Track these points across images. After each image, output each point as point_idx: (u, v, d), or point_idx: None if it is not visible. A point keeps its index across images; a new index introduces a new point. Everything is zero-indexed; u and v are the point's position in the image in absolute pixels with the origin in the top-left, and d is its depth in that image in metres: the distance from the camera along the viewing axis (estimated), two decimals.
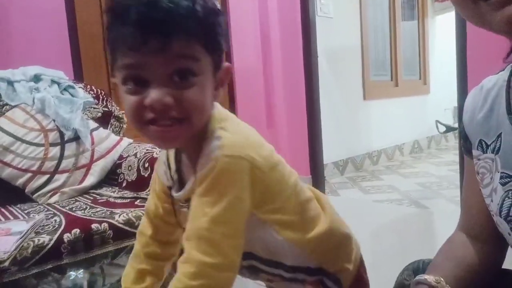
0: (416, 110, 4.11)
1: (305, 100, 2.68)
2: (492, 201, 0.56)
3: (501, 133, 0.55)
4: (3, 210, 1.21)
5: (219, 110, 0.61)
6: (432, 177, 3.06)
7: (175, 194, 0.64)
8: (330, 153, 3.09)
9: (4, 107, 1.40)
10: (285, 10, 2.68)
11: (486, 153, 0.58)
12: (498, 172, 0.55)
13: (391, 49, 3.88)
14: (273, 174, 0.61)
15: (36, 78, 1.50)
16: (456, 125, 3.41)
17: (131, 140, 1.56)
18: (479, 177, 0.59)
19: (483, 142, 0.58)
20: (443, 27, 4.23)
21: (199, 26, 0.52)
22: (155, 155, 1.33)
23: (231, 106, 2.63)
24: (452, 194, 2.47)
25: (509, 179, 0.53)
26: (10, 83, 1.43)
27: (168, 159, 0.65)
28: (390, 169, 3.50)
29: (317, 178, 2.72)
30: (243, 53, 2.65)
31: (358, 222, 2.11)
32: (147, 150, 1.39)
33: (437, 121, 3.92)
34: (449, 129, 3.98)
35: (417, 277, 0.58)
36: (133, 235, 0.88)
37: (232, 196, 0.54)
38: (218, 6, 0.61)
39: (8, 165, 1.29)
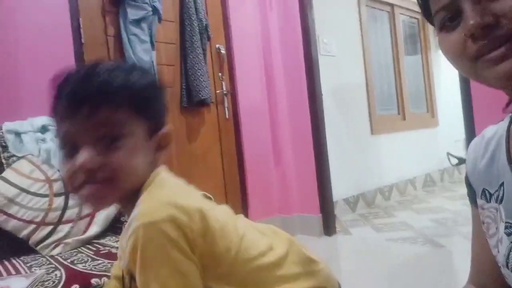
0: (426, 143, 4.06)
1: (311, 137, 2.68)
2: (498, 252, 0.54)
3: (503, 182, 0.54)
4: (6, 263, 1.20)
5: (160, 175, 0.61)
6: (446, 212, 2.97)
7: (121, 263, 0.62)
8: (340, 190, 3.04)
9: (11, 158, 1.42)
10: (288, 50, 2.74)
11: (490, 202, 0.56)
12: (503, 222, 0.53)
13: (396, 83, 3.91)
14: (207, 223, 0.55)
15: (43, 129, 1.54)
16: None
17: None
18: (485, 227, 0.58)
19: (487, 192, 0.57)
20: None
21: (128, 95, 0.57)
22: None
23: (237, 144, 2.64)
24: (469, 230, 2.36)
25: None
26: (18, 134, 1.47)
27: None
28: (403, 204, 3.42)
29: (327, 216, 2.66)
30: (248, 92, 2.70)
31: (371, 262, 2.06)
32: None
33: (448, 154, 3.86)
34: (461, 161, 3.90)
35: None
36: None
37: (167, 270, 0.49)
38: (157, 80, 0.67)
39: (13, 217, 1.29)
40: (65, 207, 1.36)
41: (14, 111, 1.70)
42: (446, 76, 4.29)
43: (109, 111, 0.56)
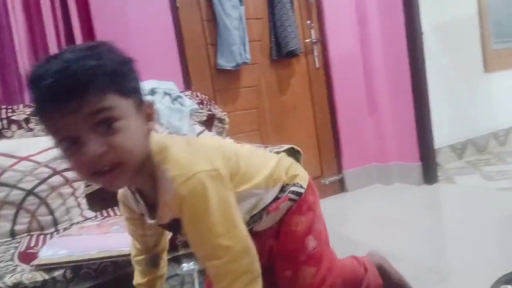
0: None
1: (410, 81, 2.50)
2: None
3: None
4: None
5: (157, 142, 0.66)
6: None
7: (149, 221, 0.73)
8: (445, 136, 2.83)
9: None
10: None
11: None
12: None
13: None
14: (229, 163, 0.71)
15: (152, 92, 1.74)
16: None
17: (231, 140, 1.70)
18: None
19: None
20: None
21: (109, 79, 0.57)
22: None
23: (329, 94, 2.61)
24: None
25: None
26: None
27: (134, 194, 0.74)
28: None
29: (427, 164, 2.53)
30: (339, 38, 2.59)
31: (478, 213, 1.94)
32: None
33: None
34: None
35: None
36: None
37: (212, 206, 0.62)
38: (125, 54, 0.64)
39: None
40: None
41: None
42: None
43: (97, 98, 0.56)
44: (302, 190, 0.83)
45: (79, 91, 0.55)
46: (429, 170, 2.53)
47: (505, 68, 3.17)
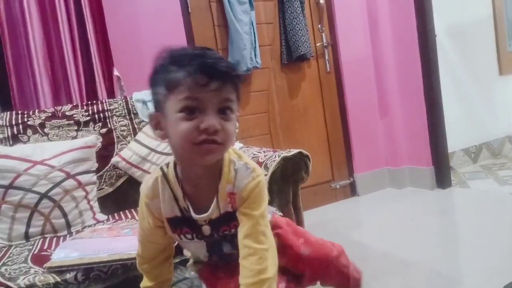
0: None
1: (422, 84, 2.47)
2: None
3: None
4: (134, 212, 1.48)
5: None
6: None
7: (196, 216, 0.80)
8: (458, 139, 2.79)
9: (141, 123, 1.70)
10: None
11: None
12: None
13: None
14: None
15: None
16: None
17: (241, 145, 1.72)
18: None
19: None
20: None
21: (239, 81, 0.74)
22: (260, 160, 1.44)
23: (340, 98, 2.60)
24: None
25: None
26: (145, 103, 1.72)
27: (174, 195, 0.80)
28: None
29: (441, 168, 2.49)
30: (350, 42, 2.58)
31: (492, 218, 1.90)
32: (253, 155, 1.51)
33: None
34: None
35: None
36: None
37: (265, 199, 0.80)
38: None
39: (147, 171, 1.57)
40: None
41: (141, 82, 1.97)
42: None
43: (231, 90, 0.71)
44: None
45: (225, 78, 0.70)
46: (442, 174, 2.50)
47: None
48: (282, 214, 1.27)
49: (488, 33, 2.99)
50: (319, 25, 2.52)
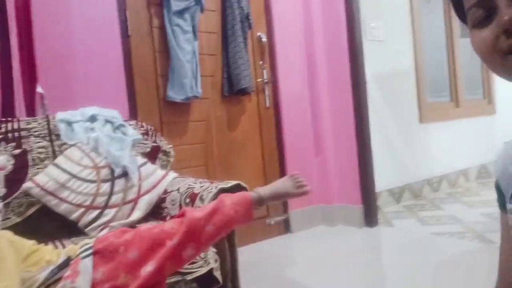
0: (481, 132, 3.80)
1: (354, 126, 2.61)
2: None
3: None
4: (57, 243, 1.31)
5: None
6: None
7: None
8: (384, 181, 2.95)
9: (63, 146, 1.54)
10: (331, 36, 2.67)
11: None
12: None
13: (449, 68, 3.67)
14: None
15: (93, 118, 1.64)
16: None
17: (176, 175, 1.63)
18: None
19: None
20: None
21: None
22: (195, 191, 1.37)
23: (278, 133, 2.64)
24: None
25: None
26: (69, 123, 1.58)
27: None
28: (453, 196, 3.25)
29: (369, 206, 2.60)
30: (290, 80, 2.67)
31: (414, 257, 1.99)
32: (189, 185, 1.43)
33: (506, 144, 3.57)
34: None
35: None
36: None
37: None
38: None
39: (64, 200, 1.41)
40: (111, 193, 1.45)
41: (67, 102, 1.82)
42: None
43: None
44: None
45: None
46: (370, 213, 2.60)
47: (438, 120, 3.45)
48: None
49: (410, 84, 3.30)
50: (261, 62, 2.58)
